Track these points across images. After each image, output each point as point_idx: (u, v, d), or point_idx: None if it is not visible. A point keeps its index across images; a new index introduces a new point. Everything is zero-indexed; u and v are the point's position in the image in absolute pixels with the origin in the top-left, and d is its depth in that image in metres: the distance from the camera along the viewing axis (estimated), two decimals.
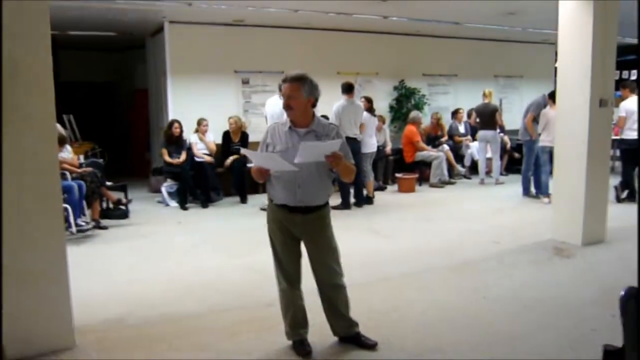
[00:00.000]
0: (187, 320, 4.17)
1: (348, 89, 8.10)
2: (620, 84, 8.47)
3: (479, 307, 4.37)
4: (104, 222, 7.21)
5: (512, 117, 12.14)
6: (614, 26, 6.07)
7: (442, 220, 7.56)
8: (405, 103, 11.49)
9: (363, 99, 9.07)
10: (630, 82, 8.70)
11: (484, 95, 10.32)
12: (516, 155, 11.55)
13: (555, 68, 14.06)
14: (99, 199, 7.23)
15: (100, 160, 8.66)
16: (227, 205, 8.74)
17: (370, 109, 8.92)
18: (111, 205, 7.65)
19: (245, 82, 9.92)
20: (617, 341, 3.37)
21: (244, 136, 9.23)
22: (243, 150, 3.32)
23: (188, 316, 4.25)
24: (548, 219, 7.29)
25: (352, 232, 6.44)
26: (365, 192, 8.64)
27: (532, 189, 9.07)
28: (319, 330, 3.70)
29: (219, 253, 6.06)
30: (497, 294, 4.66)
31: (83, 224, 6.64)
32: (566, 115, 6.21)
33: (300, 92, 3.20)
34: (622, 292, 2.25)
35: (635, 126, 8.21)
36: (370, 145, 8.79)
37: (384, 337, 3.72)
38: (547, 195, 8.54)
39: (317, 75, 3.32)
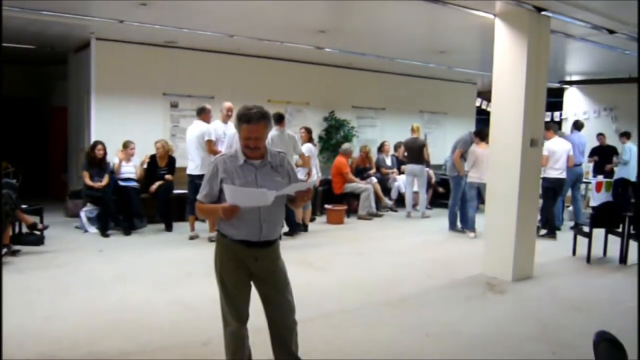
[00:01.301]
0: None
1: (279, 118, 8.02)
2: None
3: (422, 345, 4.30)
4: (15, 247, 6.63)
5: (436, 152, 12.47)
6: (545, 70, 6.37)
7: (374, 253, 7.53)
8: (334, 134, 11.53)
9: (303, 130, 9.03)
10: (552, 124, 9.15)
11: (412, 130, 10.51)
12: (440, 189, 11.85)
13: (477, 107, 14.75)
14: (12, 222, 6.65)
15: (14, 181, 8.01)
16: (152, 232, 8.31)
17: (310, 140, 8.89)
18: (24, 230, 7.06)
19: (174, 105, 9.60)
20: None
21: (171, 161, 8.87)
22: (227, 187, 2.93)
23: (117, 356, 3.89)
24: (476, 253, 7.44)
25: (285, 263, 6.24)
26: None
27: (458, 224, 9.25)
28: None
29: (145, 285, 5.67)
30: (439, 331, 4.62)
31: None
32: (499, 154, 6.37)
33: (265, 130, 3.06)
34: (594, 337, 2.27)
35: (558, 165, 8.60)
36: (313, 175, 8.77)
37: None
38: (473, 230, 8.74)
39: (248, 103, 3.15)
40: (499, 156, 6.38)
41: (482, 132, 8.88)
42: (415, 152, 10.41)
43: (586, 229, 7.50)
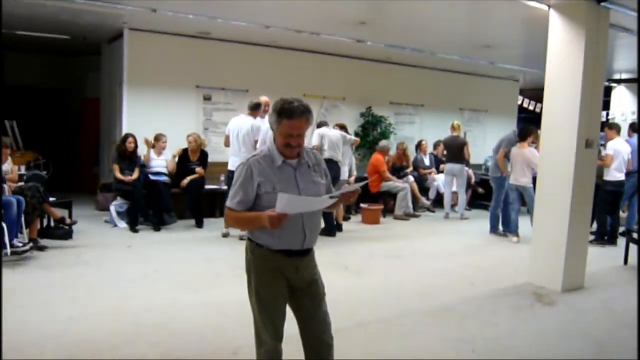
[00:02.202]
0: None
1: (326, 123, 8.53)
2: (605, 125, 8.33)
3: None
4: (44, 241, 6.48)
5: (476, 151, 11.97)
6: (603, 66, 5.92)
7: (412, 257, 7.16)
8: (371, 131, 11.18)
9: (337, 127, 8.73)
10: (616, 124, 8.58)
11: (453, 128, 10.09)
12: (480, 190, 11.41)
13: (519, 105, 14.20)
14: (39, 216, 6.49)
15: (44, 173, 7.89)
16: (182, 229, 8.09)
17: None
18: (53, 223, 6.90)
19: (207, 98, 9.37)
20: None
21: (204, 155, 8.64)
22: (282, 196, 2.50)
23: None
24: (521, 260, 7.04)
25: (319, 267, 5.93)
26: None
27: (500, 227, 8.81)
28: None
29: (173, 286, 5.41)
30: (486, 347, 4.24)
31: (20, 244, 5.89)
32: (551, 156, 5.93)
33: (307, 125, 2.71)
34: None
35: (622, 167, 8.07)
36: (344, 172, 8.49)
37: None
38: (517, 234, 8.30)
39: (283, 97, 2.80)
40: (551, 158, 5.93)
41: (523, 131, 8.41)
42: (455, 151, 9.99)
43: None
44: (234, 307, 4.83)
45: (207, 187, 8.65)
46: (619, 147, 8.09)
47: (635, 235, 7.13)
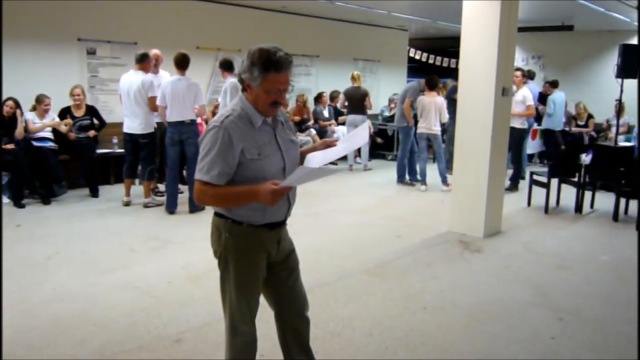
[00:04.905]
0: None
1: (230, 67, 7.36)
2: None
3: (424, 322, 3.81)
4: None
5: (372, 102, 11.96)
6: (516, 14, 5.97)
7: (330, 212, 6.98)
8: None
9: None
10: (522, 69, 8.79)
11: (353, 78, 9.90)
12: (379, 140, 11.47)
13: (407, 54, 14.25)
14: None
15: None
16: (75, 200, 7.25)
17: None
18: None
19: (91, 52, 8.36)
20: (581, 347, 3.37)
21: (92, 110, 7.77)
22: (302, 169, 2.11)
23: None
24: (434, 208, 7.29)
25: None
26: None
27: (407, 176, 8.88)
28: None
29: (84, 267, 4.77)
30: (434, 302, 4.16)
31: None
32: (470, 105, 5.93)
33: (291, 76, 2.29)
34: None
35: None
36: None
37: None
38: (424, 182, 8.40)
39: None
40: (469, 107, 5.94)
41: (432, 80, 8.43)
42: (356, 101, 9.82)
43: (543, 179, 7.35)
44: (160, 285, 4.39)
45: (99, 150, 7.83)
46: (531, 95, 8.38)
47: (540, 179, 7.42)
